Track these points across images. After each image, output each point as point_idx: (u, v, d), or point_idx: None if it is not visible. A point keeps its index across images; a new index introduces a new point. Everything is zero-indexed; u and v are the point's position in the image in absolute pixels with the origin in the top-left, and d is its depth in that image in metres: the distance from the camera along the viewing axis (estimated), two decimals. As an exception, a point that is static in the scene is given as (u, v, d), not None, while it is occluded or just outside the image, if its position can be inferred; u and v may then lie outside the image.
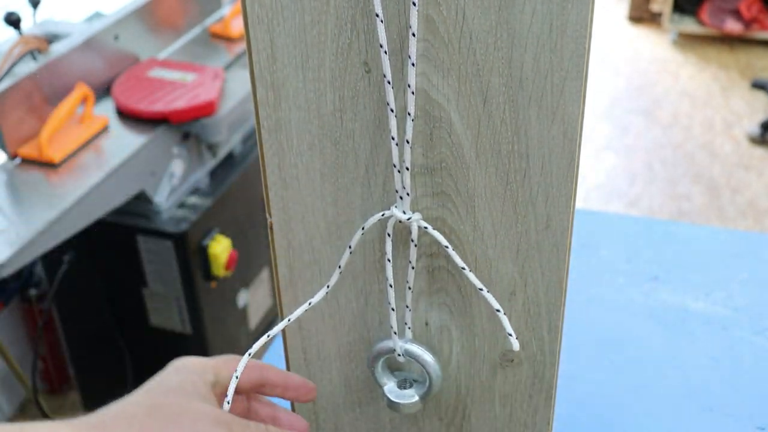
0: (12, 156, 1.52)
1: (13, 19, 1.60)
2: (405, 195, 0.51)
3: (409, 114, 0.48)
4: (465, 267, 0.52)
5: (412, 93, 0.48)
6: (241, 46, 1.98)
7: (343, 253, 0.56)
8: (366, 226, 0.53)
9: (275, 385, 0.58)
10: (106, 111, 1.68)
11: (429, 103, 0.49)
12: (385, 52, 0.47)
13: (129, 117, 1.66)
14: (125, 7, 1.80)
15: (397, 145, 0.49)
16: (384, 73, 0.47)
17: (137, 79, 1.73)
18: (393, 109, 0.48)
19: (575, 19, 0.45)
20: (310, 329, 0.61)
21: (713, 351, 0.89)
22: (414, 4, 0.45)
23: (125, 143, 1.59)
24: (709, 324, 0.92)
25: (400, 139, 0.49)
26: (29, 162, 1.52)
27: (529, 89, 0.47)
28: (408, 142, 0.49)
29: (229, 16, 2.04)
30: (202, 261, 1.72)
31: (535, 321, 0.55)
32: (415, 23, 0.46)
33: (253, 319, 2.01)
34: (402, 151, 0.49)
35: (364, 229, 0.53)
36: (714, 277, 1.00)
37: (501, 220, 0.52)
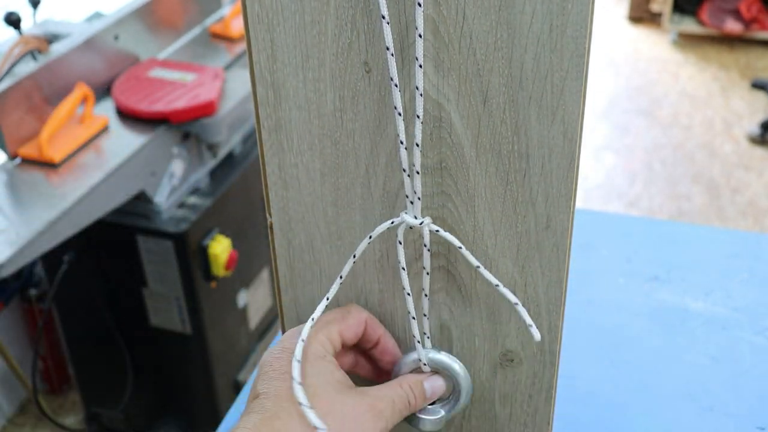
0: (12, 156, 1.52)
1: (13, 19, 1.60)
2: (416, 199, 0.50)
3: (418, 117, 0.48)
4: (479, 265, 0.52)
5: (421, 95, 0.47)
6: (241, 46, 1.98)
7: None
8: (374, 235, 0.52)
9: (371, 341, 0.57)
10: (106, 111, 1.68)
11: (429, 103, 0.49)
12: (392, 55, 0.46)
13: (129, 117, 1.66)
14: (125, 7, 1.80)
15: (406, 149, 0.48)
16: (391, 75, 0.47)
17: (137, 79, 1.73)
18: (401, 113, 0.48)
19: (575, 19, 0.45)
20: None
21: (713, 351, 0.89)
22: (419, 5, 0.45)
23: (125, 143, 1.59)
24: (709, 324, 0.92)
25: (409, 143, 0.49)
26: (29, 162, 1.52)
27: (529, 89, 0.47)
28: (418, 146, 0.48)
29: (229, 16, 2.04)
30: (202, 261, 1.72)
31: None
32: (422, 24, 0.46)
33: (253, 319, 2.01)
34: (411, 154, 0.49)
35: (371, 238, 0.52)
36: (714, 277, 0.99)
37: (501, 220, 0.52)
